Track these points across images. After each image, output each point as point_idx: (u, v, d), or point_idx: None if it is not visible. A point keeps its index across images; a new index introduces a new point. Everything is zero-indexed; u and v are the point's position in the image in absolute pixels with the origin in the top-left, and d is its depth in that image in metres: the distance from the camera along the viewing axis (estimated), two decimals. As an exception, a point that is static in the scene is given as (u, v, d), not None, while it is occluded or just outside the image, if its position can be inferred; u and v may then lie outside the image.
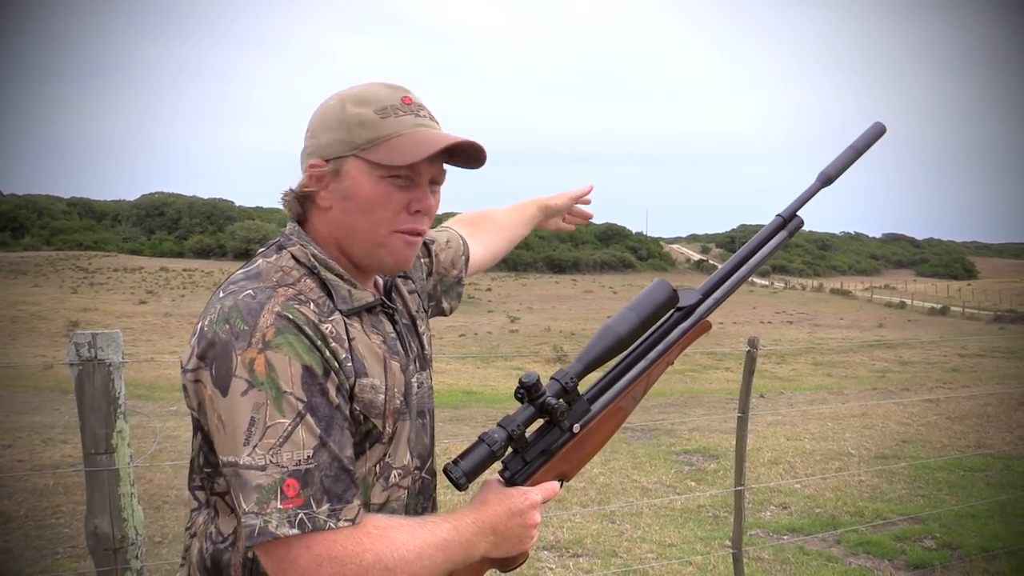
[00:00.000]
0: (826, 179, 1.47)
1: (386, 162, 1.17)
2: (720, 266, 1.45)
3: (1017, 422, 8.89)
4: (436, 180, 1.24)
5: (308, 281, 1.17)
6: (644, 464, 7.16)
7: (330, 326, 1.14)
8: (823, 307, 47.28)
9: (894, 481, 6.54)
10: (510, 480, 1.22)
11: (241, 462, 1.03)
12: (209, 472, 1.17)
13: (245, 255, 75.78)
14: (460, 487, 1.17)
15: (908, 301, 52.41)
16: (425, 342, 1.39)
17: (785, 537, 5.17)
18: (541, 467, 1.23)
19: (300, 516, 1.02)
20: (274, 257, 1.20)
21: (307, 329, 1.10)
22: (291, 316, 1.09)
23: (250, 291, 1.12)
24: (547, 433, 1.24)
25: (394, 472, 1.23)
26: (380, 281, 1.34)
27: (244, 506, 1.02)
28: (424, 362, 1.35)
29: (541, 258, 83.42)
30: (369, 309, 1.24)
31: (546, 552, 4.83)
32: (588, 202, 1.92)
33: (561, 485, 1.26)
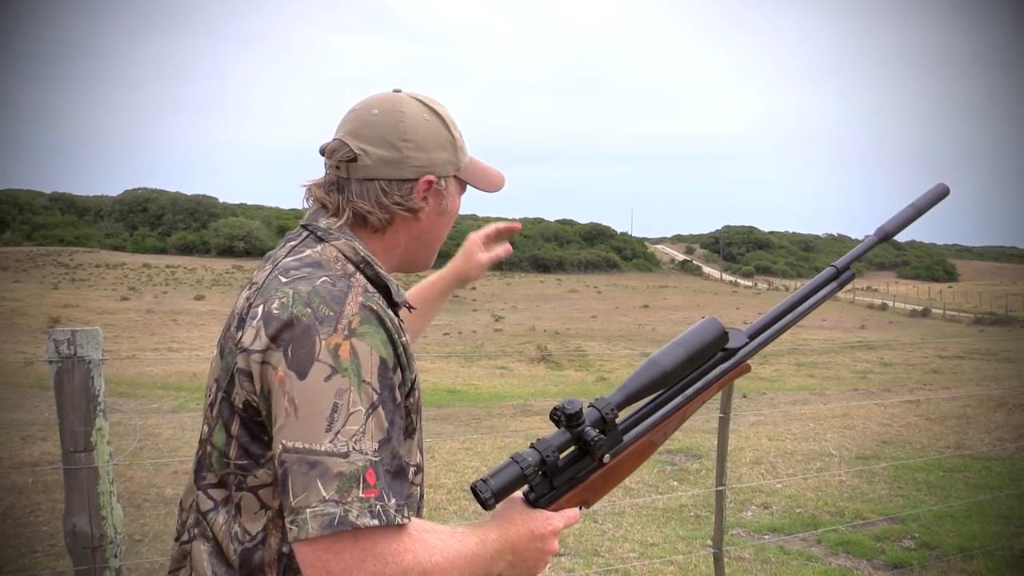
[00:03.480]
0: (884, 235, 1.48)
1: (484, 188, 1.32)
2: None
3: (996, 423, 8.97)
4: None
5: (360, 276, 1.17)
6: (627, 464, 7.17)
7: (396, 321, 1.16)
8: (806, 308, 47.42)
9: (874, 481, 6.59)
10: (534, 503, 1.21)
11: (321, 448, 1.01)
12: (244, 465, 1.13)
13: (229, 252, 75.69)
14: (487, 507, 1.15)
15: (890, 303, 52.80)
16: None
17: (766, 537, 5.20)
18: (567, 493, 1.23)
19: (378, 507, 1.00)
20: (319, 248, 1.19)
21: (387, 321, 1.11)
22: (374, 307, 1.11)
23: (325, 278, 1.12)
24: (578, 460, 1.23)
25: (410, 469, 1.23)
26: None
27: (323, 493, 0.99)
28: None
29: (526, 257, 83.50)
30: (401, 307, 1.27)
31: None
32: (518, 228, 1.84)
33: (581, 510, 1.26)
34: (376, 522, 0.99)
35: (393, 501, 1.02)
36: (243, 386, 1.11)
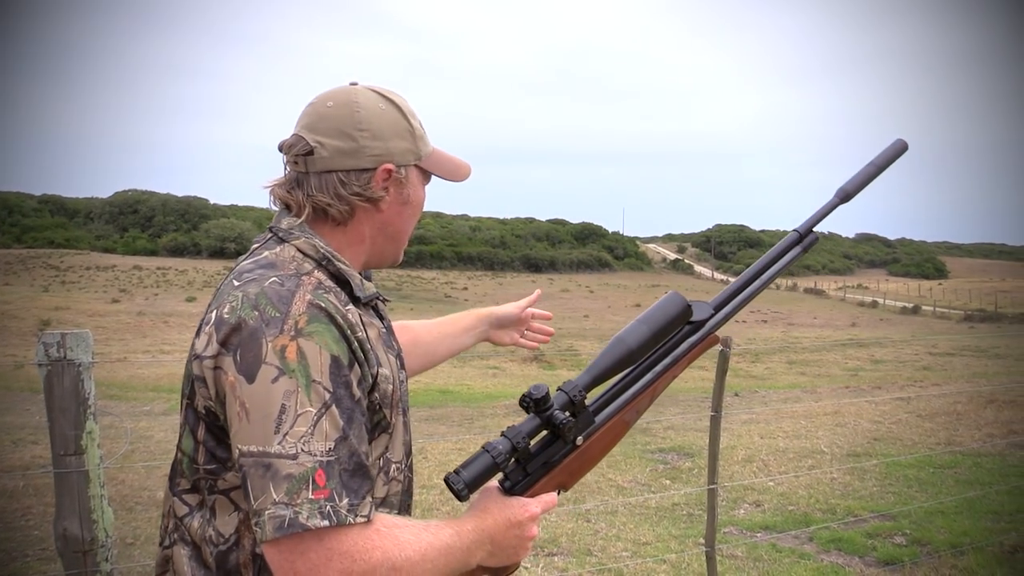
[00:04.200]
0: (844, 195, 1.46)
1: (448, 177, 1.31)
2: (733, 279, 1.43)
3: (986, 420, 9.01)
4: None
5: (319, 273, 1.17)
6: (619, 462, 7.18)
7: (352, 316, 1.15)
8: (797, 306, 47.68)
9: (865, 478, 6.62)
10: (510, 490, 1.22)
11: (272, 451, 1.01)
12: (213, 469, 1.14)
13: (220, 253, 75.46)
14: (461, 498, 1.16)
15: (880, 300, 53.03)
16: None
17: (758, 535, 5.21)
18: (542, 478, 1.23)
19: (328, 508, 1.00)
20: (278, 249, 1.19)
21: (338, 318, 1.10)
22: (323, 304, 1.10)
23: (275, 278, 1.12)
24: (550, 445, 1.23)
25: (392, 466, 1.24)
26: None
27: (274, 496, 1.00)
28: (402, 360, 1.36)
29: (518, 257, 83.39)
30: (367, 302, 1.25)
31: (521, 551, 4.83)
32: (549, 317, 1.85)
33: (559, 494, 1.26)
34: (326, 523, 0.99)
35: (346, 501, 1.02)
36: (201, 392, 1.12)
